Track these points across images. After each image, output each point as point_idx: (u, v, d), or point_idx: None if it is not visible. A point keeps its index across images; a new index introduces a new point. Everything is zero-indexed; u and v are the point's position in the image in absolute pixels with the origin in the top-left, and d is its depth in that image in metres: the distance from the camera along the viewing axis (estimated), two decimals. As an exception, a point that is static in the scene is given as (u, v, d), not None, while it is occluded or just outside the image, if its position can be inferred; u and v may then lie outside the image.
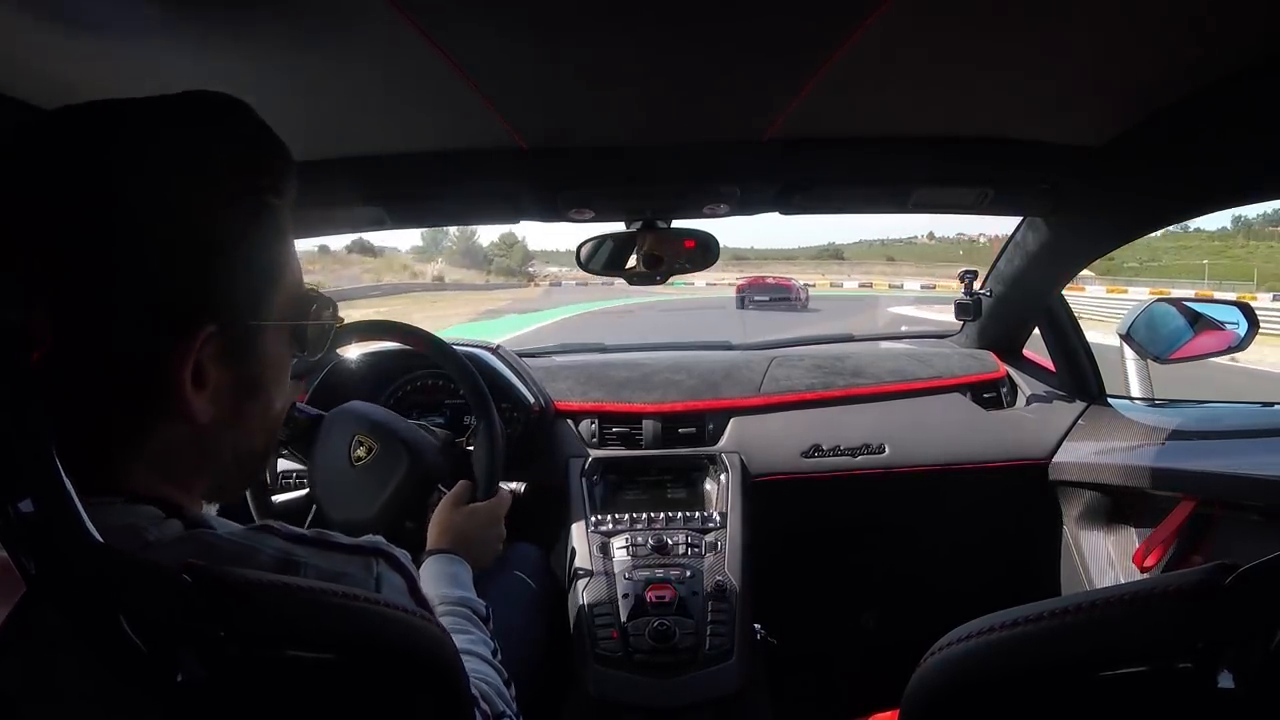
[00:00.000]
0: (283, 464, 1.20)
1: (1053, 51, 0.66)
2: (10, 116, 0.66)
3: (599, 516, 1.18)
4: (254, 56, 0.63)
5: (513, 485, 1.09)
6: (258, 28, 0.57)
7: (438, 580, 0.75)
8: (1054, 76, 0.71)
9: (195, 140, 0.39)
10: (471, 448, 1.10)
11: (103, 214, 0.36)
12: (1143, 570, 1.09)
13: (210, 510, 0.79)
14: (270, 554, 0.40)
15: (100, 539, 0.30)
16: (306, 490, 1.00)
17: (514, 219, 1.14)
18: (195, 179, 0.38)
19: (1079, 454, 1.26)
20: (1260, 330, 1.20)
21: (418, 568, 0.77)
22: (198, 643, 0.31)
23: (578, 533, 1.16)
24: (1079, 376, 1.35)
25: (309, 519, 0.98)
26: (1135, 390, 1.32)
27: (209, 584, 0.32)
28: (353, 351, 1.31)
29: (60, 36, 0.56)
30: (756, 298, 16.50)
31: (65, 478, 0.30)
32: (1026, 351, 1.49)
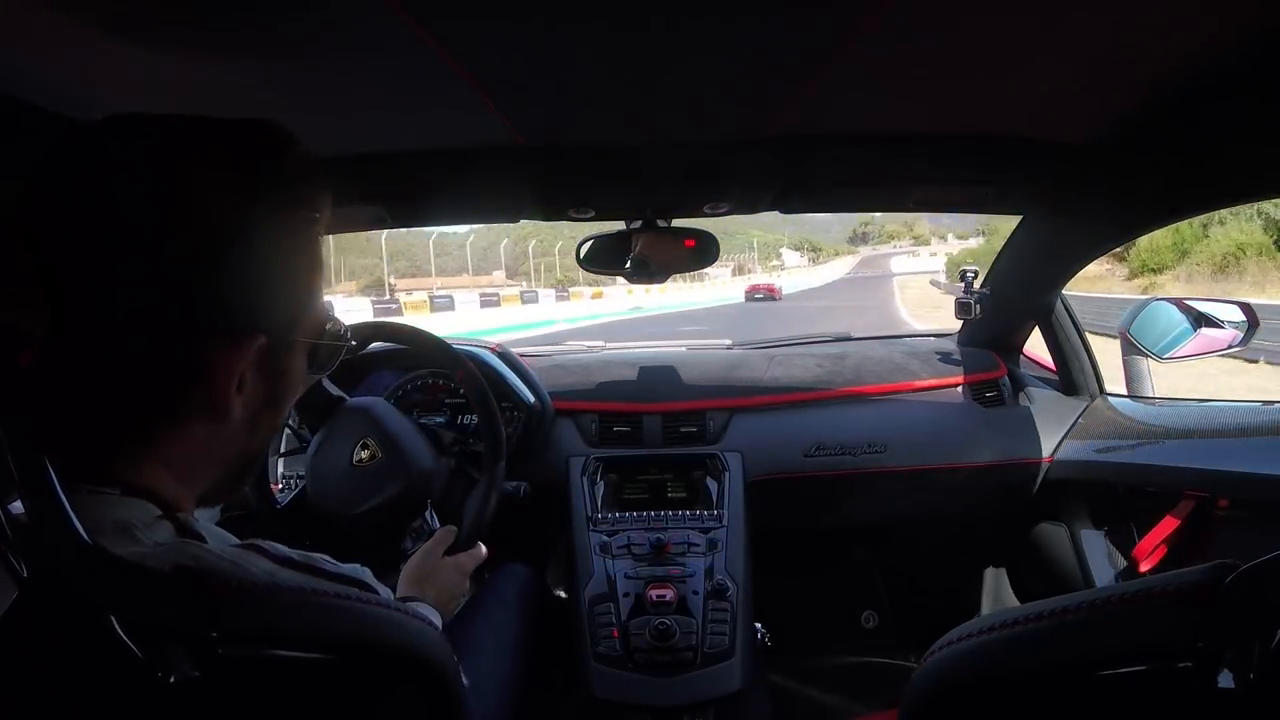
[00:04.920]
0: (283, 468, 1.20)
1: (1053, 48, 0.66)
2: (11, 121, 0.66)
3: (599, 515, 1.18)
4: (252, 55, 0.63)
5: (512, 485, 1.08)
6: (256, 27, 0.57)
7: None
8: (1054, 74, 0.71)
9: (260, 166, 0.42)
10: (472, 447, 1.10)
11: (147, 224, 0.37)
12: (1143, 570, 1.09)
13: (207, 515, 0.79)
14: (255, 575, 0.40)
15: (90, 540, 0.30)
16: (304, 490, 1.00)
17: (514, 218, 1.14)
18: (256, 204, 0.41)
19: (1079, 453, 1.26)
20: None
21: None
22: (189, 643, 0.31)
23: (578, 532, 1.16)
24: (1079, 375, 1.35)
25: (291, 494, 0.98)
26: (1135, 389, 1.32)
27: (200, 585, 0.32)
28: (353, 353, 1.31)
29: (60, 38, 0.56)
30: (756, 296, 30.03)
31: (56, 479, 0.30)
32: (1027, 350, 1.49)
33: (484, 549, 0.92)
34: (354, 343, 0.54)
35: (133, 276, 0.37)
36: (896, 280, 44.90)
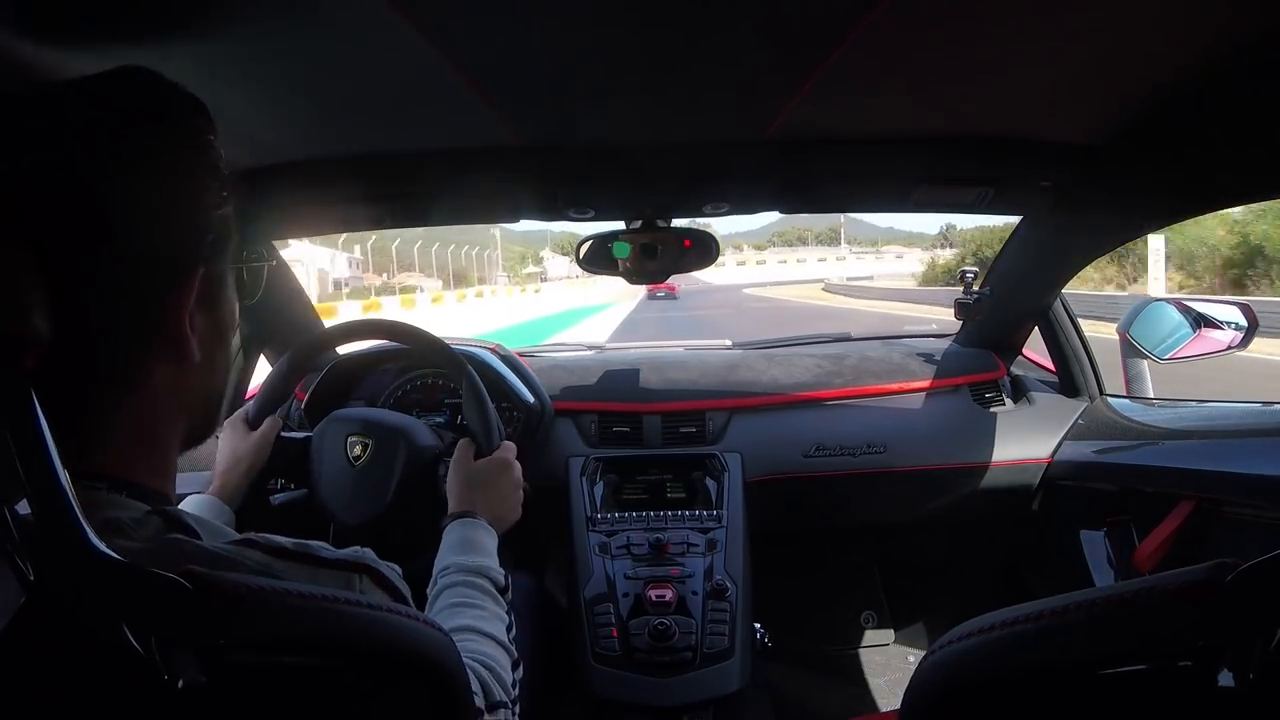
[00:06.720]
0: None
1: (1052, 49, 0.66)
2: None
3: (599, 516, 1.18)
4: (251, 56, 0.63)
5: None
6: (254, 27, 0.57)
7: (453, 548, 0.73)
8: (1054, 75, 0.71)
9: (161, 116, 0.42)
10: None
11: (88, 194, 0.38)
12: (1143, 570, 1.09)
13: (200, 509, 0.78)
14: (250, 568, 0.40)
15: (100, 544, 0.30)
16: (305, 491, 1.00)
17: (514, 218, 1.14)
18: (168, 144, 0.42)
19: (1079, 454, 1.26)
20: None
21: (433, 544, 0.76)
22: (197, 649, 0.31)
23: (578, 532, 1.16)
24: (1078, 376, 1.35)
25: (331, 535, 0.97)
26: (1135, 390, 1.32)
27: (209, 591, 0.32)
28: (350, 354, 1.31)
29: (61, 40, 0.56)
30: (658, 295, 28.87)
31: (65, 479, 0.30)
32: (1026, 351, 1.49)
33: (511, 443, 0.90)
34: (273, 262, 0.55)
35: (90, 245, 0.38)
36: (748, 290, 41.32)
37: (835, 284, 38.55)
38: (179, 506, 0.44)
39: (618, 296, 27.74)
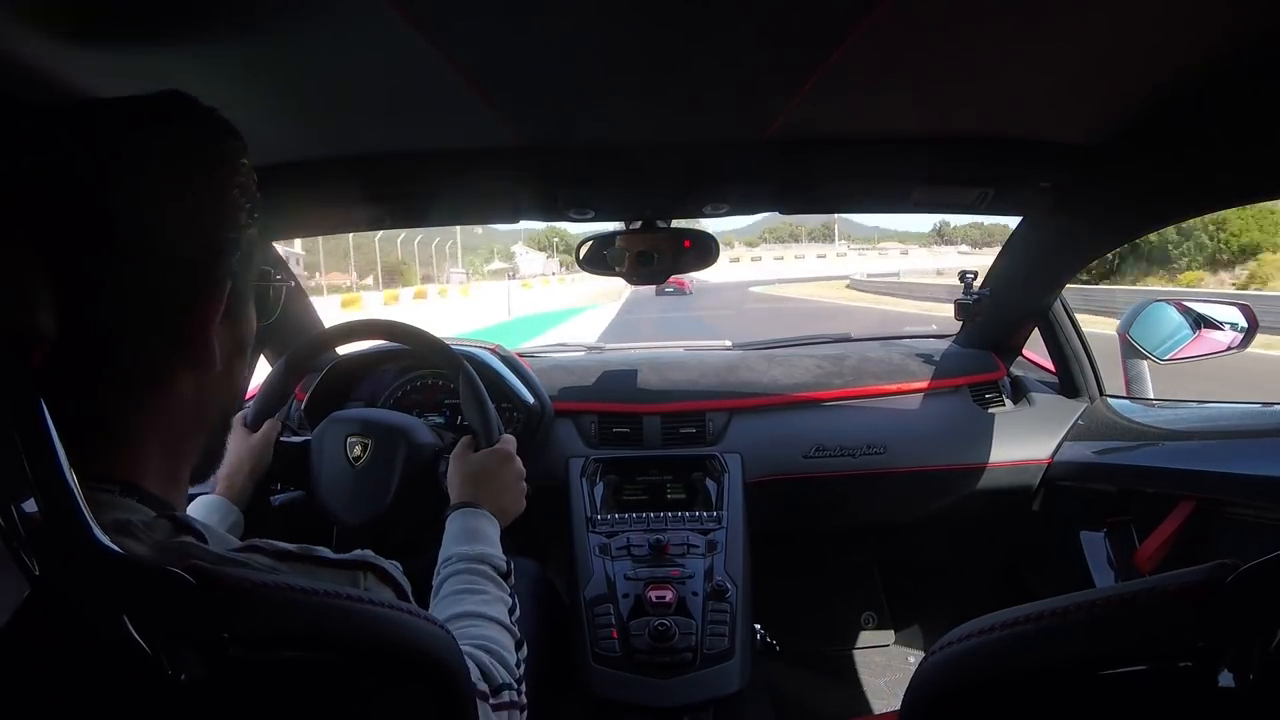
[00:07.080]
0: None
1: (1052, 50, 0.66)
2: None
3: (599, 516, 1.18)
4: (251, 57, 0.63)
5: None
6: (254, 27, 0.57)
7: (455, 538, 0.74)
8: (1054, 75, 0.72)
9: (194, 135, 0.44)
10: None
11: (88, 194, 0.39)
12: (1143, 570, 1.09)
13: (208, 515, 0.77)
14: (266, 577, 0.40)
15: (105, 539, 0.30)
16: (302, 492, 1.00)
17: (514, 218, 1.14)
18: (204, 168, 0.43)
19: (1079, 454, 1.26)
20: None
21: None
22: (201, 644, 0.31)
23: (578, 533, 1.16)
24: (1078, 376, 1.35)
25: (334, 536, 0.97)
26: (1135, 391, 1.32)
27: (212, 585, 0.32)
28: (349, 355, 1.31)
29: (62, 39, 0.56)
30: (666, 290, 26.92)
31: (70, 475, 0.30)
32: (1026, 351, 1.49)
33: (510, 435, 0.90)
34: (292, 284, 0.56)
35: (91, 244, 0.38)
36: (757, 289, 35.27)
37: (863, 281, 34.48)
38: (188, 508, 0.44)
39: (604, 296, 24.48)
